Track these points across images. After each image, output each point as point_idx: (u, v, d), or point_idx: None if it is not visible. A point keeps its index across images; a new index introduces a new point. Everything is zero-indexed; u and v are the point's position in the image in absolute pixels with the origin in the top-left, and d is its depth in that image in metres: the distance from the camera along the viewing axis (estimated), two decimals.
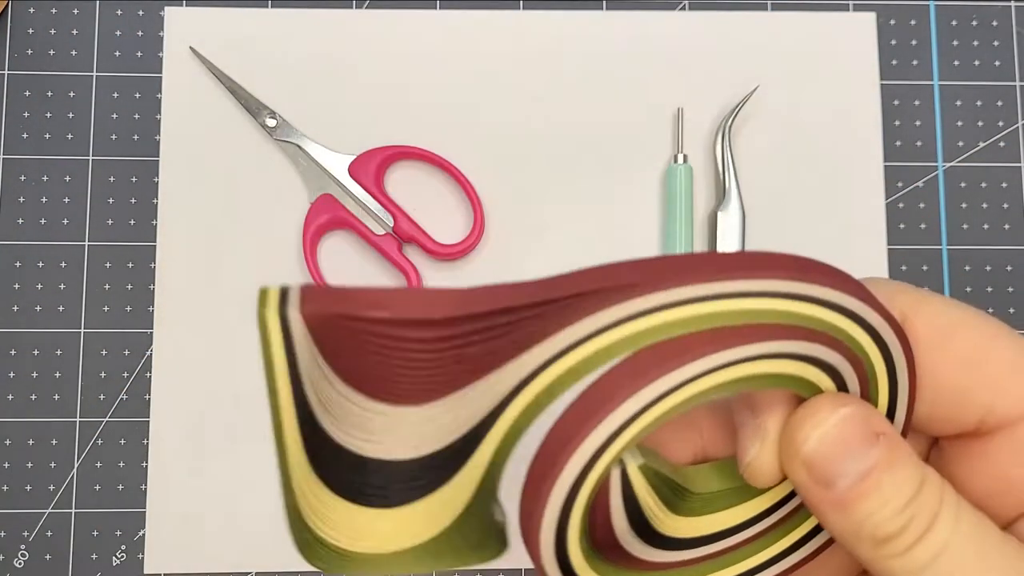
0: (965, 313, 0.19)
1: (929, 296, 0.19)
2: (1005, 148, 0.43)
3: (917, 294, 0.19)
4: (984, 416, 0.18)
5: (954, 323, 0.18)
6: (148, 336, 0.41)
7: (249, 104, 0.42)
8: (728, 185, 0.41)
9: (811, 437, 0.17)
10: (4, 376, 0.41)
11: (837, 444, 0.17)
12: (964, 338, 0.18)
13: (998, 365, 0.18)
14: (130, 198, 0.42)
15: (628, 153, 0.43)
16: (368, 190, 0.41)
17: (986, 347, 0.18)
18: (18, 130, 0.42)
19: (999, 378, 0.18)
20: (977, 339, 0.18)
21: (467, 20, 0.43)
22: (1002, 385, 0.18)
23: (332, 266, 0.41)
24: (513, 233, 0.42)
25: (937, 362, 0.18)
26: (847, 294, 0.17)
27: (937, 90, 0.44)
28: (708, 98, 0.43)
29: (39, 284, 0.41)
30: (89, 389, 0.41)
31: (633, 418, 0.16)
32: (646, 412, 0.16)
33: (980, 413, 0.18)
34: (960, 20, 0.44)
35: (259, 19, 0.43)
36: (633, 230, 0.42)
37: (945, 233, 0.43)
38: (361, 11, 0.43)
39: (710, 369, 0.16)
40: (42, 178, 0.42)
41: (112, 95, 0.43)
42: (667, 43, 0.43)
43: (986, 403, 0.18)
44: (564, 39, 0.43)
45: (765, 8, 0.44)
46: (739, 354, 0.16)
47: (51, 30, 0.43)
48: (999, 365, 0.18)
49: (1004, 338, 0.18)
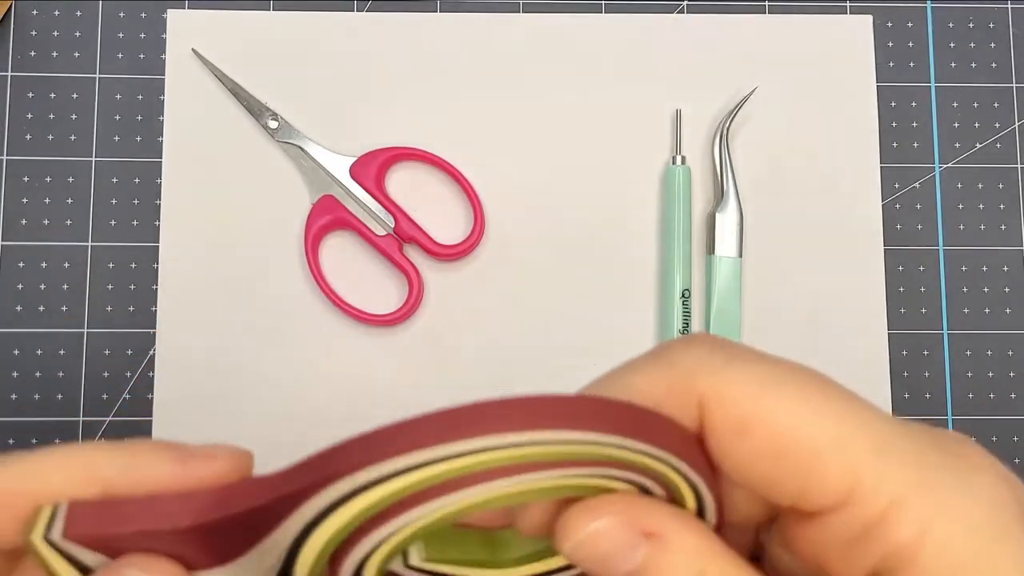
0: (767, 395, 0.17)
1: (730, 376, 0.17)
2: (1002, 149, 0.44)
3: (716, 376, 0.17)
4: (796, 503, 0.17)
5: (753, 413, 0.17)
6: (151, 336, 0.41)
7: (251, 106, 0.42)
8: (726, 186, 0.42)
9: (568, 539, 0.17)
10: (7, 376, 0.41)
11: (596, 548, 0.17)
12: (764, 428, 0.17)
13: (802, 453, 0.16)
14: (133, 199, 0.42)
15: (627, 154, 0.43)
16: (369, 191, 0.41)
17: (791, 434, 0.17)
18: (21, 131, 0.43)
19: (804, 466, 0.16)
20: (780, 426, 0.17)
21: (468, 23, 0.44)
22: (809, 473, 0.16)
23: (333, 267, 0.42)
24: (513, 233, 0.42)
25: (738, 453, 0.17)
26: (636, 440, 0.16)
27: (934, 92, 0.44)
28: (706, 100, 0.43)
29: (42, 284, 0.42)
30: (92, 389, 0.41)
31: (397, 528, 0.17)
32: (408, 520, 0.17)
33: (790, 500, 0.17)
34: (957, 22, 0.45)
35: (261, 21, 0.43)
36: (632, 231, 0.43)
37: (942, 234, 0.43)
38: (363, 14, 0.44)
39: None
40: (45, 179, 0.42)
41: (115, 97, 0.43)
42: (665, 46, 0.44)
43: (793, 492, 0.17)
44: (564, 42, 0.44)
45: (763, 11, 0.44)
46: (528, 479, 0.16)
47: (54, 32, 0.43)
48: (803, 453, 0.16)
49: (813, 417, 0.17)
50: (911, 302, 0.43)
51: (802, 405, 0.17)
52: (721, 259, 0.41)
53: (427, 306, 0.42)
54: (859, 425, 0.17)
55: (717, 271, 0.41)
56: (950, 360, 0.43)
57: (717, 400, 0.17)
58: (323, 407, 0.41)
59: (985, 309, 0.43)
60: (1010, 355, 0.43)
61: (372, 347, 0.41)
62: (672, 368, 0.17)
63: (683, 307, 0.41)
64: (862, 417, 0.17)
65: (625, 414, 0.17)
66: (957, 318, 0.43)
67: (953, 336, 0.43)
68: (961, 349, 0.43)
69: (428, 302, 0.42)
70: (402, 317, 0.41)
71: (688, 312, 0.41)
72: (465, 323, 0.42)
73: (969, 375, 0.42)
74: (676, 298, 0.41)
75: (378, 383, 0.41)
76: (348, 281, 0.41)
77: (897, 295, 0.43)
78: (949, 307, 0.43)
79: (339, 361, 0.41)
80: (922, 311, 0.43)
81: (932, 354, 0.43)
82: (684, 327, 0.41)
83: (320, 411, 0.41)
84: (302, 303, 0.42)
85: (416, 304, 0.41)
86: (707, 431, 0.17)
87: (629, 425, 0.16)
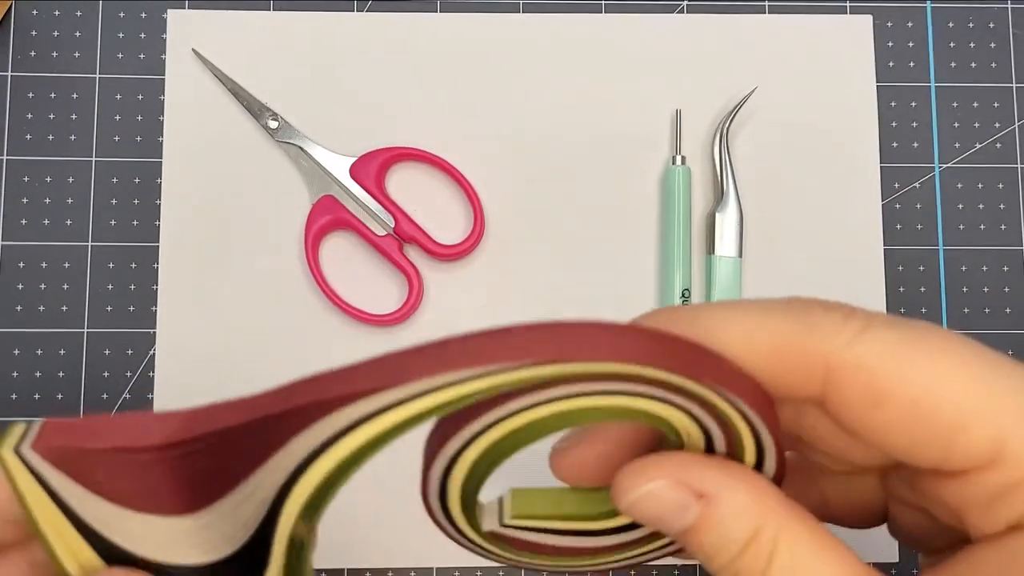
0: (903, 364, 0.16)
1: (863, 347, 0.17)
2: (1002, 149, 0.44)
3: (850, 347, 0.17)
4: (938, 466, 0.17)
5: (889, 383, 0.16)
6: (151, 336, 0.41)
7: (251, 106, 0.42)
8: (726, 186, 0.42)
9: (623, 499, 0.18)
10: (8, 375, 0.41)
11: (649, 510, 0.17)
12: (903, 398, 0.16)
13: (944, 420, 0.16)
14: (133, 199, 0.42)
15: (626, 154, 0.43)
16: (369, 191, 0.41)
17: (931, 401, 0.16)
18: (21, 131, 0.43)
19: (946, 433, 0.16)
20: (920, 394, 0.16)
21: (467, 23, 0.44)
22: (951, 439, 0.16)
23: (333, 267, 0.42)
24: (513, 233, 0.42)
25: (874, 422, 0.17)
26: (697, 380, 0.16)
27: (934, 92, 0.44)
28: (706, 100, 0.43)
29: (42, 284, 0.42)
30: (92, 389, 0.41)
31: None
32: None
33: (931, 464, 0.17)
34: (957, 22, 0.45)
35: (261, 21, 0.43)
36: (632, 231, 0.43)
37: (942, 234, 0.43)
38: (363, 14, 0.44)
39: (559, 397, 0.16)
40: (45, 179, 0.42)
41: (115, 96, 0.43)
42: (665, 45, 0.44)
43: (935, 457, 0.17)
44: (564, 42, 0.44)
45: (763, 11, 0.44)
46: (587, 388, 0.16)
47: (54, 32, 0.43)
48: (945, 420, 0.16)
49: (954, 383, 0.16)
50: (911, 302, 0.43)
51: (941, 371, 0.16)
52: (721, 259, 0.41)
53: (427, 306, 0.42)
54: (1002, 386, 0.16)
55: (717, 271, 0.41)
56: None
57: (852, 369, 0.17)
58: None
59: (985, 309, 0.43)
60: (1010, 355, 0.42)
61: (372, 347, 0.41)
62: (809, 332, 0.17)
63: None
64: (1005, 376, 0.17)
65: (686, 351, 0.16)
66: (957, 318, 0.43)
67: None
68: None
69: (428, 302, 0.42)
70: (402, 317, 0.41)
71: None
72: (465, 323, 0.42)
73: None
74: (676, 298, 0.41)
75: None
76: (348, 281, 0.41)
77: (897, 295, 0.43)
78: (949, 307, 0.43)
79: (339, 361, 0.41)
80: (922, 311, 0.43)
81: None
82: None
83: None
84: (302, 303, 0.42)
85: (416, 304, 0.41)
86: (836, 400, 0.17)
87: (689, 363, 0.16)
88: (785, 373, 0.17)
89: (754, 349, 0.17)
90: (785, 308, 0.18)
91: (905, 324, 0.17)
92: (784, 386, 0.17)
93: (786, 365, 0.17)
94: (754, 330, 0.17)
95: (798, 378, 0.17)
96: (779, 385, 0.17)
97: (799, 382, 0.17)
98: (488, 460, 0.18)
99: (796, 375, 0.17)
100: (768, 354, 0.17)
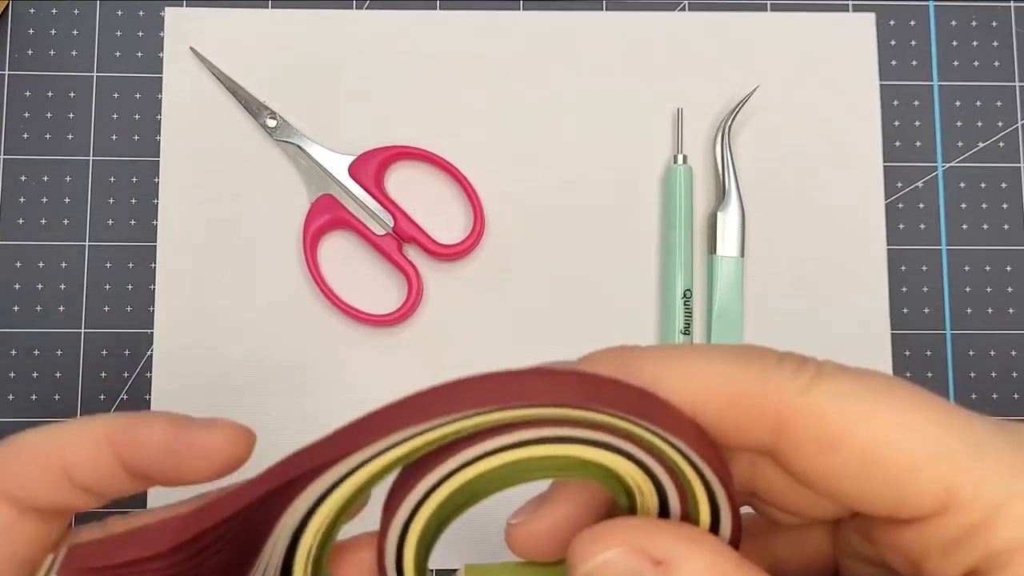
0: (855, 411, 0.16)
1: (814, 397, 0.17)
2: (1004, 148, 0.44)
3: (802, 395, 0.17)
4: (890, 513, 0.17)
5: (841, 430, 0.16)
6: (148, 336, 0.41)
7: (249, 104, 0.42)
8: (728, 185, 0.41)
9: (578, 569, 0.17)
10: (4, 376, 0.41)
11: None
12: (854, 444, 0.16)
13: (896, 466, 0.16)
14: (130, 198, 0.42)
15: (628, 153, 0.43)
16: (368, 190, 0.41)
17: (883, 448, 0.16)
18: (18, 130, 0.42)
19: (899, 479, 0.16)
20: (871, 441, 0.16)
21: (467, 20, 0.43)
22: (903, 485, 0.16)
23: (332, 266, 0.41)
24: (513, 233, 0.42)
25: (826, 469, 0.17)
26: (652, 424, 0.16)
27: (936, 90, 0.44)
28: (708, 98, 0.43)
29: (39, 284, 0.41)
30: (89, 389, 0.41)
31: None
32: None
33: (884, 512, 0.17)
34: (959, 20, 0.44)
35: (259, 19, 0.43)
36: (633, 230, 0.42)
37: (944, 233, 0.43)
38: (361, 11, 0.43)
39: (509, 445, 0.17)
40: (42, 178, 0.42)
41: (112, 95, 0.43)
42: (667, 43, 0.43)
43: (887, 504, 0.17)
44: (564, 40, 0.43)
45: (765, 9, 0.44)
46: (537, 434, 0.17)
47: (51, 30, 0.43)
48: (897, 466, 0.16)
49: (905, 429, 0.16)
50: (914, 302, 0.43)
51: (892, 417, 0.16)
52: (723, 259, 0.41)
53: (426, 306, 0.42)
54: (953, 432, 0.16)
55: (719, 271, 0.41)
56: (953, 360, 0.42)
57: (804, 416, 0.17)
58: (322, 407, 0.40)
59: (988, 309, 0.43)
60: (1013, 355, 0.42)
61: (371, 347, 0.41)
62: (763, 380, 0.17)
63: (684, 307, 0.41)
64: (956, 423, 0.17)
65: (626, 393, 0.16)
66: (960, 318, 0.43)
67: (956, 336, 0.42)
68: (964, 349, 0.42)
69: (427, 302, 0.42)
70: (401, 317, 0.40)
71: (690, 312, 0.41)
72: (465, 323, 0.41)
73: (972, 375, 0.42)
74: (678, 298, 0.41)
75: (377, 383, 0.41)
76: (347, 281, 0.41)
77: (900, 295, 0.42)
78: (952, 307, 0.43)
79: (338, 361, 0.41)
80: (925, 311, 0.43)
81: (935, 354, 0.42)
82: (685, 327, 0.41)
83: (319, 411, 0.40)
84: (301, 303, 0.41)
85: (415, 304, 0.41)
86: (789, 448, 0.17)
87: (628, 405, 0.16)
88: (736, 420, 0.17)
89: (703, 397, 0.17)
90: (737, 356, 0.18)
91: (856, 372, 0.17)
92: (735, 433, 0.18)
93: (737, 413, 0.17)
94: (704, 377, 0.17)
95: (749, 426, 0.17)
96: (729, 432, 0.17)
97: (750, 430, 0.17)
98: (439, 518, 0.18)
99: (747, 423, 0.17)
100: (719, 402, 0.17)
